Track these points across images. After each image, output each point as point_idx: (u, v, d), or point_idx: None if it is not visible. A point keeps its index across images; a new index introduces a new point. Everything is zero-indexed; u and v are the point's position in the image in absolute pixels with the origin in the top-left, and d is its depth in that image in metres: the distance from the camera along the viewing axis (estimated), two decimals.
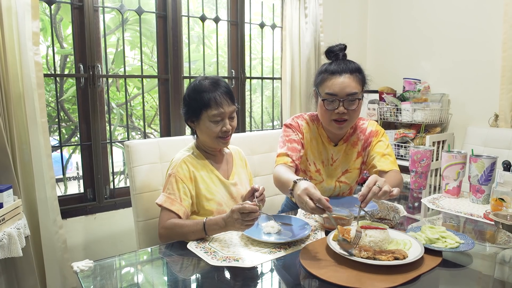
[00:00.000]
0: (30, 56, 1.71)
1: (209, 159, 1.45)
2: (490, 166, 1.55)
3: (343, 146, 1.60)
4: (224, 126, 1.36)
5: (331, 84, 1.43)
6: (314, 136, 1.58)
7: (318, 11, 2.75)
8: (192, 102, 1.37)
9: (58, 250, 1.85)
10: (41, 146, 1.77)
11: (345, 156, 1.60)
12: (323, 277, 0.95)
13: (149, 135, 3.02)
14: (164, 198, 1.32)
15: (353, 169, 1.61)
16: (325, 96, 1.45)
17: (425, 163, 1.76)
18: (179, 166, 1.36)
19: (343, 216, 1.31)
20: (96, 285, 0.97)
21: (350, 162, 1.61)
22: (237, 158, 1.56)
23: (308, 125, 1.59)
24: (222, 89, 1.36)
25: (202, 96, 1.34)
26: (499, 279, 1.01)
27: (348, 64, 1.46)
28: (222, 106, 1.34)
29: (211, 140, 1.39)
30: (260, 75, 2.96)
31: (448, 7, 2.72)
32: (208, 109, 1.34)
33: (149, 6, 2.32)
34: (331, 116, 1.46)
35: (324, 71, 1.48)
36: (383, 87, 2.97)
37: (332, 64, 1.47)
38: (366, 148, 1.60)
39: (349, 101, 1.43)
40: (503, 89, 2.38)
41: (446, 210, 1.53)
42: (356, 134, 1.61)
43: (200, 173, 1.39)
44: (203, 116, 1.36)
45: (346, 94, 1.42)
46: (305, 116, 1.61)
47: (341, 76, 1.42)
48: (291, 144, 1.51)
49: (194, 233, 1.22)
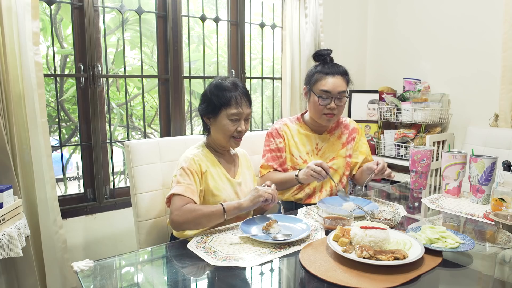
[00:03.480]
0: (30, 56, 1.71)
1: (218, 157, 1.48)
2: (490, 166, 1.55)
3: (328, 136, 1.81)
4: (240, 127, 1.41)
5: (325, 83, 1.66)
6: (295, 133, 1.78)
7: (318, 11, 2.75)
8: (213, 98, 1.40)
9: (58, 250, 1.85)
10: (41, 146, 1.76)
11: (330, 145, 1.79)
12: (323, 277, 0.95)
13: (149, 135, 3.02)
14: (184, 188, 1.33)
15: (339, 157, 1.79)
16: (320, 93, 1.66)
17: (425, 163, 1.76)
18: (191, 159, 1.39)
19: (343, 216, 1.31)
20: (96, 285, 0.97)
21: (336, 151, 1.79)
22: (243, 159, 1.60)
23: (287, 126, 1.79)
24: (242, 90, 1.43)
25: (224, 94, 1.39)
26: (499, 279, 1.01)
27: (338, 67, 1.70)
28: (241, 106, 1.40)
29: (225, 138, 1.43)
30: (260, 75, 2.96)
31: (448, 7, 2.72)
32: (228, 107, 1.39)
33: (149, 6, 2.32)
34: (323, 111, 1.68)
35: (319, 71, 1.70)
36: (383, 87, 2.97)
37: (325, 66, 1.70)
38: (350, 142, 1.83)
39: (339, 98, 1.67)
40: (503, 89, 2.38)
41: (446, 210, 1.53)
42: (340, 128, 1.84)
43: (210, 169, 1.42)
44: (222, 113, 1.39)
45: (338, 92, 1.66)
46: (284, 120, 1.83)
47: (334, 77, 1.67)
48: (271, 154, 1.75)
49: (214, 213, 1.28)
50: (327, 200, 1.59)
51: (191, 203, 1.30)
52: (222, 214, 1.28)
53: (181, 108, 2.37)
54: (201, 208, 1.29)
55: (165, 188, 1.59)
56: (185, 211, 1.28)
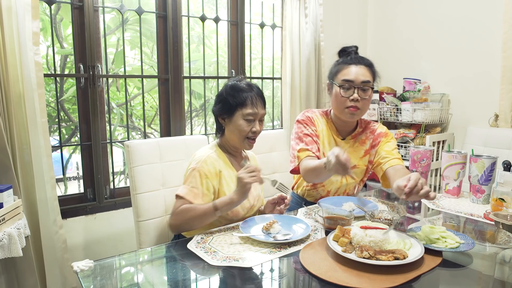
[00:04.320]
0: (30, 56, 1.71)
1: (230, 159, 1.48)
2: (490, 166, 1.55)
3: (351, 142, 1.67)
4: (254, 127, 1.41)
5: (348, 72, 1.54)
6: (323, 128, 1.66)
7: (318, 11, 2.75)
8: (229, 98, 1.40)
9: (58, 250, 1.85)
10: (41, 146, 1.77)
11: (352, 152, 1.66)
12: (323, 277, 0.95)
13: (149, 135, 3.02)
14: (187, 191, 1.33)
15: (360, 165, 1.66)
16: (341, 83, 1.54)
17: (425, 163, 1.76)
18: (204, 161, 1.38)
19: (343, 216, 1.31)
20: (96, 285, 0.97)
21: (357, 159, 1.66)
22: (252, 161, 1.60)
23: (318, 117, 1.67)
24: (257, 91, 1.43)
25: (240, 94, 1.40)
26: (499, 279, 1.01)
27: (362, 58, 1.58)
28: (257, 107, 1.40)
29: (239, 139, 1.42)
30: (260, 75, 2.96)
31: (448, 7, 2.72)
32: (243, 107, 1.39)
33: (149, 6, 2.32)
34: (346, 103, 1.54)
35: (341, 62, 1.58)
36: (383, 87, 2.97)
37: (348, 57, 1.58)
38: (374, 147, 1.66)
39: (363, 89, 1.54)
40: (503, 89, 2.38)
41: (446, 210, 1.53)
42: (365, 133, 1.69)
43: (223, 171, 1.42)
44: (237, 113, 1.39)
45: (361, 81, 1.52)
46: (314, 110, 1.71)
47: (357, 66, 1.54)
48: (306, 138, 1.60)
49: (205, 212, 1.27)
50: (327, 200, 1.59)
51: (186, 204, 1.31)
52: (213, 212, 1.27)
53: (181, 108, 2.37)
54: (194, 208, 1.29)
55: (165, 188, 1.59)
56: (178, 214, 1.29)
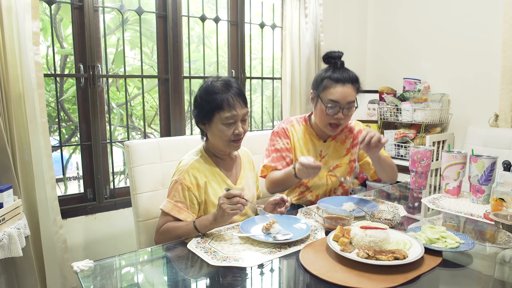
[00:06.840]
0: (30, 56, 1.71)
1: (217, 163, 1.42)
2: (490, 166, 1.55)
3: (332, 143, 1.73)
4: (237, 129, 1.33)
5: (335, 91, 1.56)
6: (301, 136, 1.71)
7: (318, 11, 2.75)
8: (204, 103, 1.33)
9: (58, 250, 1.85)
10: (41, 146, 1.76)
11: (334, 152, 1.73)
12: (323, 277, 0.95)
13: (149, 135, 3.02)
14: (171, 206, 1.30)
15: (343, 164, 1.74)
16: (328, 102, 1.57)
17: (425, 163, 1.76)
18: (185, 172, 1.33)
19: (343, 216, 1.31)
20: (96, 285, 0.97)
21: (340, 158, 1.74)
22: (245, 160, 1.55)
23: (294, 127, 1.72)
24: (235, 91, 1.33)
25: (215, 97, 1.31)
26: (499, 279, 1.01)
27: (349, 73, 1.59)
28: (235, 108, 1.31)
29: (223, 143, 1.36)
30: (260, 75, 2.96)
31: (448, 7, 2.72)
32: (220, 111, 1.30)
33: (149, 6, 2.32)
34: (330, 120, 1.60)
35: (328, 77, 1.59)
36: (383, 87, 2.97)
37: (335, 72, 1.59)
38: (356, 145, 1.73)
39: (348, 108, 1.59)
40: (503, 89, 2.38)
41: (446, 210, 1.53)
42: (344, 132, 1.76)
43: (208, 178, 1.37)
44: (216, 118, 1.32)
45: (347, 102, 1.57)
46: (291, 119, 1.76)
47: (344, 86, 1.56)
48: (276, 154, 1.66)
49: (188, 233, 1.24)
50: (327, 200, 1.59)
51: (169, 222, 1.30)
52: (195, 232, 1.23)
53: (181, 108, 2.37)
54: (177, 227, 1.27)
55: (165, 188, 1.58)
56: (162, 233, 1.30)
